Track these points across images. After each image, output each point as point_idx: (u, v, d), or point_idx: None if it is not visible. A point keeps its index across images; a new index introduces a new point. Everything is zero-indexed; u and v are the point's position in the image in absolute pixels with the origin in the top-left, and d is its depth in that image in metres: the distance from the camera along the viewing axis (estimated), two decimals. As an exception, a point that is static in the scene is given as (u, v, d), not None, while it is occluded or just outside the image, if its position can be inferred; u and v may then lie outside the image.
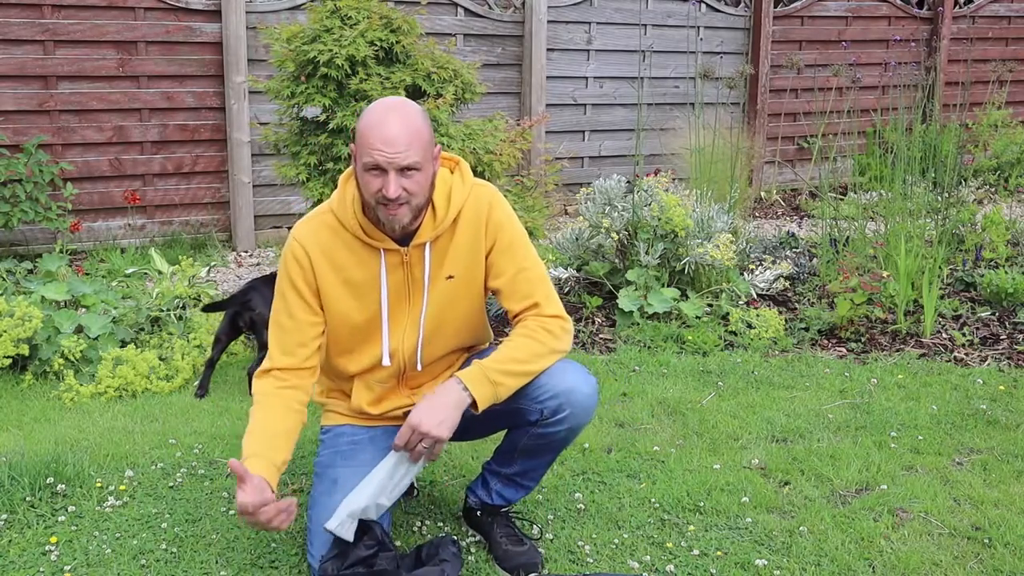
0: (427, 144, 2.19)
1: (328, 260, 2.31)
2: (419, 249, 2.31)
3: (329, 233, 2.31)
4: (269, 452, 2.23)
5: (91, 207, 5.57)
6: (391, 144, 2.14)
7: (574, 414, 2.34)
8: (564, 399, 2.32)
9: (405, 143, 2.14)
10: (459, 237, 2.34)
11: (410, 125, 2.16)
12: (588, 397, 2.35)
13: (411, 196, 2.19)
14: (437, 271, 2.35)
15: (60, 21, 5.32)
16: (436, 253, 2.34)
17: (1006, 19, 8.67)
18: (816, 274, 5.14)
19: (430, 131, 2.23)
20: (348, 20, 4.07)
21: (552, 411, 2.33)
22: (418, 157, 2.16)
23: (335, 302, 2.34)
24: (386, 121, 2.16)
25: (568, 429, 2.37)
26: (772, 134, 7.65)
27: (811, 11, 7.77)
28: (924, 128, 6.35)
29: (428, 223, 2.30)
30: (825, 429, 3.37)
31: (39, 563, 2.43)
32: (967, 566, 2.51)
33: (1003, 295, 4.72)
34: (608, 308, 4.64)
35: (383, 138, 2.14)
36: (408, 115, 2.18)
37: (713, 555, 2.54)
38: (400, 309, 2.36)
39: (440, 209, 2.30)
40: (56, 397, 3.59)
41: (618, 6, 6.99)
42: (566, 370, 2.35)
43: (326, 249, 2.31)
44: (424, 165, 2.19)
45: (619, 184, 4.81)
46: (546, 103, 6.71)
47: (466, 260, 2.36)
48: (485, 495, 2.58)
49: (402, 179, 2.16)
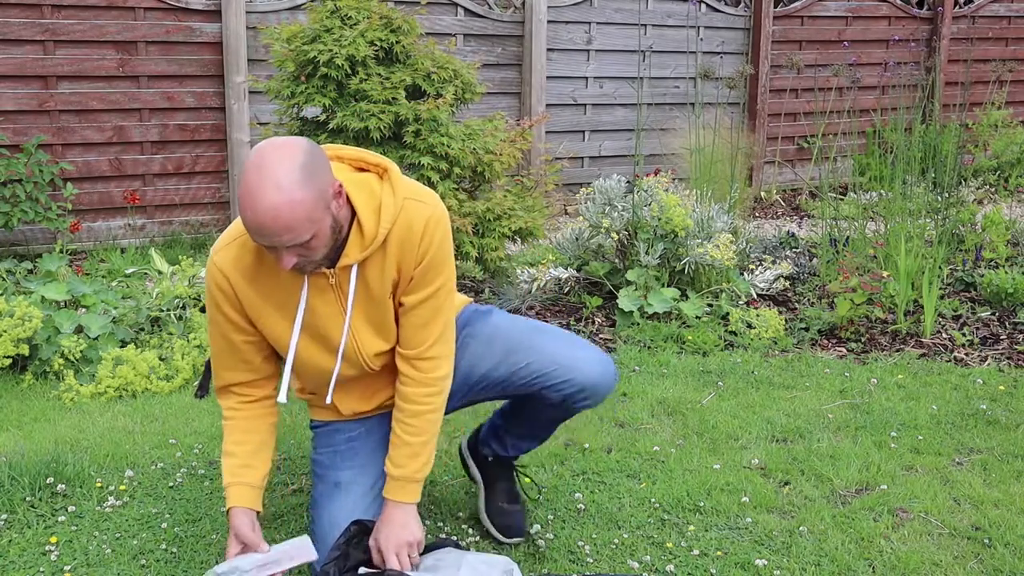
0: (313, 207, 1.92)
1: (251, 284, 2.15)
2: (346, 271, 2.14)
3: (251, 256, 2.14)
4: (248, 476, 2.24)
5: (91, 207, 5.57)
6: (269, 232, 1.91)
7: (597, 397, 2.40)
8: (590, 392, 2.36)
9: (284, 226, 1.90)
10: (393, 252, 2.15)
11: (286, 197, 1.88)
12: (611, 382, 2.40)
13: (311, 254, 2.00)
14: (380, 289, 2.19)
15: (60, 21, 5.32)
16: (368, 274, 2.16)
17: (1006, 19, 8.67)
18: (816, 274, 5.14)
19: (316, 183, 1.93)
20: (348, 20, 4.07)
21: (575, 398, 2.37)
22: (305, 231, 1.92)
23: (270, 325, 2.20)
24: (260, 204, 1.88)
25: (590, 405, 2.43)
26: (772, 134, 7.65)
27: (811, 11, 7.78)
28: (924, 128, 6.35)
29: (355, 243, 2.10)
30: (825, 429, 3.37)
31: (39, 563, 2.43)
32: (967, 566, 2.52)
33: (1003, 295, 4.72)
34: (608, 308, 4.64)
35: (260, 228, 1.90)
36: (286, 180, 1.88)
37: (713, 555, 2.54)
38: (335, 326, 2.21)
39: (369, 228, 2.09)
40: (56, 397, 3.59)
41: (618, 6, 6.99)
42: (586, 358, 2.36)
43: (247, 273, 2.15)
44: (318, 228, 1.96)
45: (619, 184, 4.81)
46: (546, 103, 6.71)
47: (395, 274, 2.20)
48: (500, 447, 2.60)
49: (297, 250, 1.97)
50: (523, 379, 2.36)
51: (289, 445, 3.12)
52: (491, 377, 2.40)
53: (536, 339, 2.38)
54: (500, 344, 2.39)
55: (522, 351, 2.36)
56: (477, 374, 2.41)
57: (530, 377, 2.35)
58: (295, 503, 2.76)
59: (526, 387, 2.37)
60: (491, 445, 2.62)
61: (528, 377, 2.35)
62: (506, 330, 2.43)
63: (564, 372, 2.33)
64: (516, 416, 2.56)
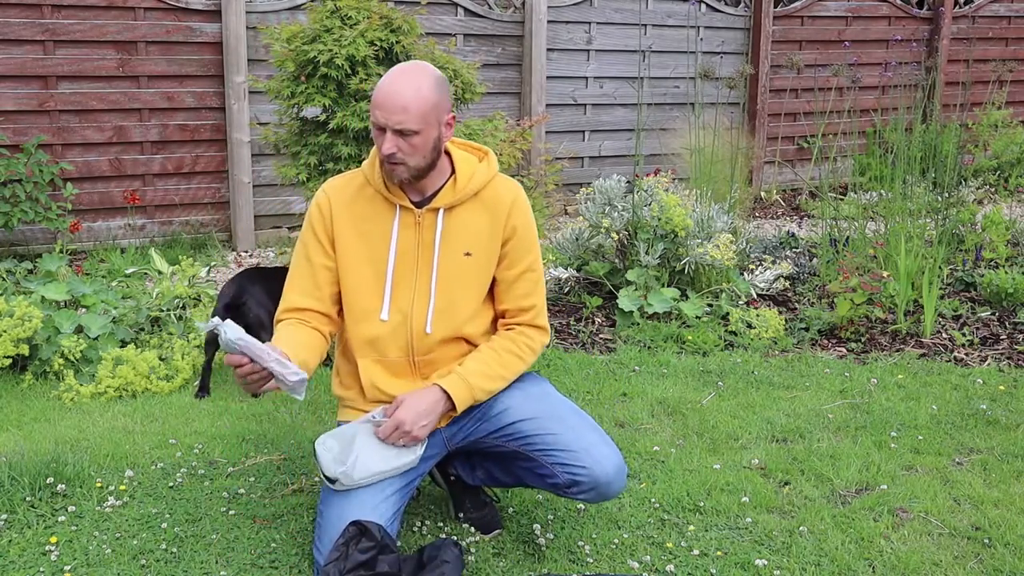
0: (430, 110, 2.26)
1: (348, 210, 2.41)
2: (432, 214, 2.39)
3: (356, 188, 2.43)
4: (292, 346, 2.32)
5: (91, 207, 5.57)
6: (388, 107, 2.23)
7: (600, 494, 2.39)
8: (597, 487, 2.35)
9: (402, 107, 2.22)
10: (480, 219, 2.41)
11: (414, 91, 2.24)
12: (619, 489, 2.40)
13: (407, 157, 2.28)
14: (453, 243, 2.41)
15: (60, 21, 5.32)
16: (452, 225, 2.40)
17: (1006, 19, 8.67)
18: (816, 274, 5.14)
19: (439, 97, 2.29)
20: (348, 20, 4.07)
21: (580, 488, 2.36)
22: (415, 123, 2.24)
23: (347, 248, 2.41)
24: (392, 83, 2.25)
25: (587, 500, 2.43)
26: (772, 134, 7.65)
27: (811, 11, 7.78)
28: (924, 128, 6.35)
29: (448, 190, 2.39)
30: (825, 429, 3.37)
31: (39, 563, 2.43)
32: (967, 566, 2.52)
33: (1003, 295, 4.72)
34: (608, 308, 4.64)
35: (382, 100, 2.24)
36: (416, 80, 2.25)
37: (713, 555, 2.54)
38: (408, 269, 2.40)
39: (462, 180, 2.39)
40: (56, 397, 3.59)
41: (618, 6, 6.98)
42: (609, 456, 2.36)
43: (348, 201, 2.42)
44: (423, 129, 2.26)
45: (619, 184, 4.82)
46: (546, 103, 6.71)
47: (485, 243, 2.42)
48: (467, 475, 2.62)
49: (399, 140, 2.25)
50: (544, 446, 2.37)
51: (289, 445, 3.12)
52: (517, 428, 2.42)
53: (575, 420, 2.43)
54: (542, 406, 2.44)
55: (558, 421, 2.40)
56: (508, 420, 2.44)
57: (551, 447, 2.37)
58: (295, 503, 2.76)
59: (541, 454, 2.38)
60: (458, 468, 2.63)
61: (548, 446, 2.37)
62: (552, 397, 2.50)
63: (584, 459, 2.34)
64: (502, 463, 2.53)
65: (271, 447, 3.12)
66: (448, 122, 2.33)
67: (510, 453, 2.44)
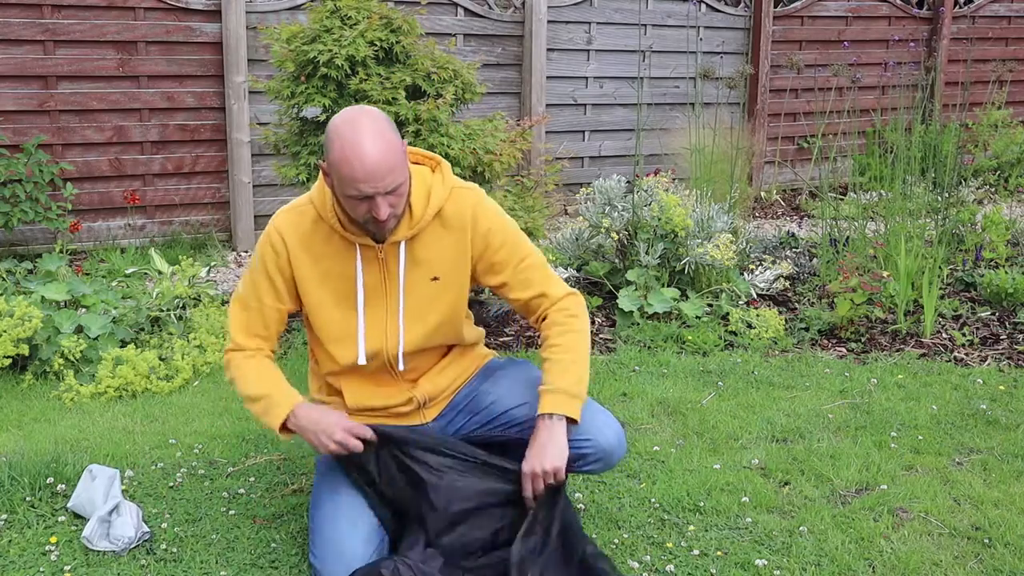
0: (403, 154, 2.18)
1: (305, 251, 2.32)
2: (394, 247, 2.32)
3: (309, 224, 2.32)
4: (283, 386, 2.36)
5: (91, 207, 5.57)
6: (377, 175, 2.11)
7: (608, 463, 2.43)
8: (604, 457, 2.39)
9: (388, 169, 2.12)
10: (444, 240, 2.35)
11: (386, 144, 2.12)
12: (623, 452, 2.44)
13: (398, 203, 2.21)
14: (418, 271, 2.36)
15: (60, 21, 5.32)
16: (416, 252, 2.34)
17: (1006, 19, 8.67)
18: (816, 274, 5.14)
19: (397, 134, 2.19)
20: (348, 20, 4.07)
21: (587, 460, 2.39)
22: (401, 175, 2.16)
23: (314, 290, 2.36)
24: (366, 151, 2.10)
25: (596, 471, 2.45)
26: (772, 134, 7.65)
27: (811, 11, 7.77)
28: (924, 128, 6.35)
29: (404, 222, 2.29)
30: (825, 429, 3.37)
31: (39, 563, 2.43)
32: (967, 566, 2.52)
33: (1003, 295, 4.72)
34: (608, 308, 4.64)
35: (369, 173, 2.10)
36: (380, 133, 2.13)
37: (713, 555, 2.54)
38: (378, 305, 2.36)
39: (417, 209, 2.30)
40: (56, 397, 3.59)
41: (618, 6, 6.98)
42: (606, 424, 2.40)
43: (304, 239, 2.32)
44: (407, 173, 2.20)
45: (619, 184, 4.81)
46: (546, 103, 6.70)
47: (451, 263, 2.37)
48: None
49: (390, 198, 2.17)
50: None
51: (289, 445, 3.12)
52: (511, 416, 2.43)
53: None
54: (532, 389, 2.41)
55: None
56: (499, 409, 2.45)
57: None
58: (295, 503, 2.76)
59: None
60: None
61: None
62: (539, 380, 2.47)
63: (584, 431, 2.34)
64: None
65: (271, 447, 3.13)
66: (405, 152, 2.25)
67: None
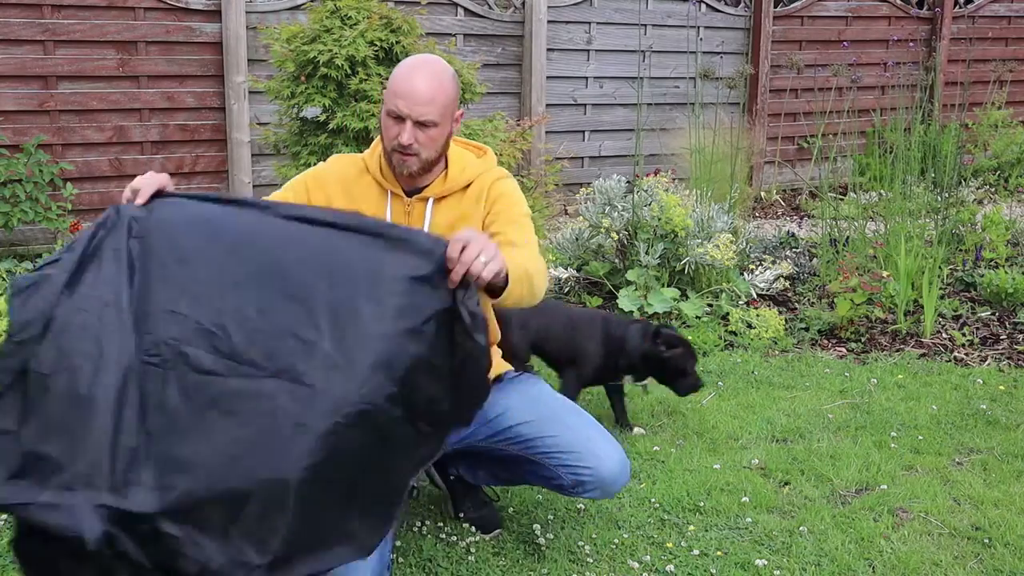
0: (448, 103, 2.30)
1: (344, 188, 2.43)
2: (422, 203, 2.39)
3: (355, 170, 2.45)
4: None
5: (91, 207, 5.56)
6: (413, 97, 2.24)
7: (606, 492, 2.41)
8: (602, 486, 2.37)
9: (427, 99, 2.25)
10: (468, 209, 2.40)
11: (436, 83, 2.27)
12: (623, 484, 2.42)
13: (422, 148, 2.29)
14: (439, 232, 2.32)
15: (60, 21, 5.32)
16: (440, 215, 2.39)
17: (1006, 19, 8.67)
18: (816, 274, 5.14)
19: (455, 93, 2.33)
20: (348, 20, 4.07)
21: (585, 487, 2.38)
22: (436, 115, 2.27)
23: None
24: (415, 74, 2.27)
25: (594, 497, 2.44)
26: (772, 134, 7.64)
27: (811, 11, 7.77)
28: (924, 128, 6.35)
29: (438, 181, 2.40)
30: (825, 429, 3.37)
31: (39, 563, 2.42)
32: (967, 566, 2.52)
33: (1003, 295, 4.72)
34: (608, 308, 4.64)
35: (407, 90, 2.25)
36: (436, 73, 2.29)
37: (713, 555, 2.54)
38: None
39: (453, 172, 2.41)
40: (56, 397, 3.58)
41: (618, 6, 6.98)
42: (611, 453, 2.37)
43: (347, 180, 2.44)
44: (441, 123, 2.29)
45: (619, 184, 4.81)
46: (546, 103, 6.70)
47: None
48: (470, 475, 2.63)
49: (417, 131, 2.27)
50: (545, 449, 2.37)
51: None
52: (517, 432, 2.41)
53: (573, 419, 2.42)
54: (540, 408, 2.42)
55: (556, 423, 2.39)
56: (506, 423, 2.42)
57: (552, 450, 2.36)
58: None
59: (544, 457, 2.38)
60: (460, 469, 2.63)
61: (550, 449, 2.37)
62: (549, 398, 2.48)
63: (587, 459, 2.34)
64: (504, 464, 2.53)
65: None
66: (457, 118, 2.37)
67: (512, 457, 2.44)
